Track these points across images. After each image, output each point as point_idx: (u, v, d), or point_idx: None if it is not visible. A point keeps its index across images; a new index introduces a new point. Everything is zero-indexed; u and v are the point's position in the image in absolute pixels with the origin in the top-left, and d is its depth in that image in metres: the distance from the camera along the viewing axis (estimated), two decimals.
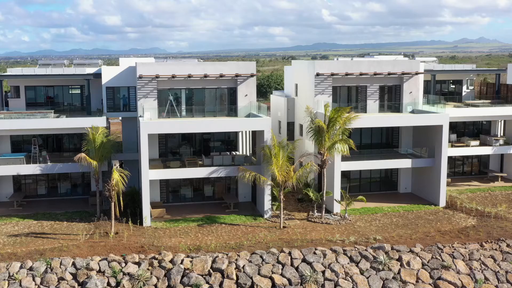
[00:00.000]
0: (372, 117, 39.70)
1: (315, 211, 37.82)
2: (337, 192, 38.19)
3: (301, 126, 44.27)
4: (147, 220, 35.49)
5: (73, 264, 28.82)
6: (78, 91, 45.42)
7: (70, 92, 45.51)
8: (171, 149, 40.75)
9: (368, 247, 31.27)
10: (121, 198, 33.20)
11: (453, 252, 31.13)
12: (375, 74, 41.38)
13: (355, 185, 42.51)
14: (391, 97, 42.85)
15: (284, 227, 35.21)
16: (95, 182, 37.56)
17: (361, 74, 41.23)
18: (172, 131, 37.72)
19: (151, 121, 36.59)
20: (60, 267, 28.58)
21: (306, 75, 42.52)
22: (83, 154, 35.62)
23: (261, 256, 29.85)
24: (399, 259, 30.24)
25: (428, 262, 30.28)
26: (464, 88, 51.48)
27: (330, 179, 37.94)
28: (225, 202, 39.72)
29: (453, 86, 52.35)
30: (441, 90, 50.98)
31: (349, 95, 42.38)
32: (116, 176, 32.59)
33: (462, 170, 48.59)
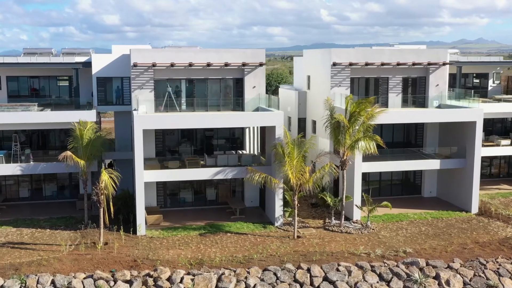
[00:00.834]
0: (399, 112, 35.17)
1: (333, 218, 33.34)
2: (357, 197, 33.70)
3: (314, 122, 39.83)
4: (141, 228, 30.98)
5: (53, 282, 24.35)
6: (67, 83, 40.86)
7: (58, 84, 40.95)
8: (169, 147, 36.19)
9: (399, 262, 26.83)
10: (111, 203, 28.68)
11: (498, 268, 26.70)
12: (398, 64, 36.90)
13: (374, 188, 37.90)
14: (415, 90, 38.43)
15: (298, 237, 30.75)
16: (83, 184, 33.06)
17: (382, 64, 36.74)
18: (170, 127, 33.16)
19: (147, 115, 32.08)
20: (36, 286, 24.11)
21: (320, 65, 38.06)
22: (69, 152, 31.13)
23: (275, 273, 25.38)
24: (437, 277, 25.80)
25: (470, 280, 25.85)
26: (490, 82, 47.01)
27: (349, 182, 33.41)
28: (230, 207, 35.23)
29: (477, 80, 47.92)
30: (465, 84, 46.52)
31: (368, 87, 37.92)
32: (105, 177, 28.07)
33: (489, 172, 44.15)
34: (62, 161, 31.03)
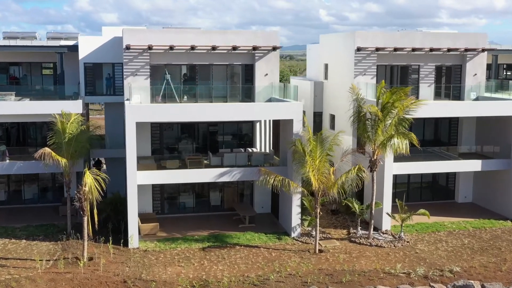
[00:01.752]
0: (440, 104, 30.39)
1: (359, 227, 28.47)
2: (387, 203, 28.85)
3: (332, 116, 35.00)
4: (133, 240, 26.07)
5: None
6: (52, 72, 35.93)
7: (42, 72, 36.00)
8: (167, 144, 31.25)
9: (448, 285, 21.99)
10: (95, 211, 23.73)
11: None
12: (431, 50, 32.08)
13: (401, 191, 32.78)
14: (448, 81, 33.61)
15: (320, 250, 25.88)
16: (65, 187, 28.14)
17: (413, 50, 31.95)
18: (168, 120, 28.15)
19: (140, 105, 27.18)
20: None
21: (341, 51, 33.19)
22: (47, 149, 26.24)
23: None
24: None
25: None
26: None
27: (377, 186, 28.41)
28: (238, 214, 30.33)
29: (510, 72, 43.15)
30: (496, 76, 41.64)
31: (396, 77, 33.03)
32: (89, 180, 23.11)
33: None
34: (39, 159, 26.12)
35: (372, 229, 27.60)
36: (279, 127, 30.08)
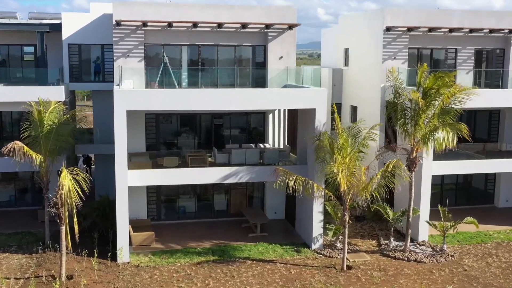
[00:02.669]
0: (493, 93, 25.94)
1: (391, 238, 24.02)
2: (425, 209, 24.38)
3: (353, 108, 30.62)
4: (123, 253, 21.58)
5: None
6: (34, 57, 31.49)
7: (23, 58, 31.46)
8: (165, 138, 26.78)
9: None
10: (74, 218, 19.23)
11: None
12: (471, 31, 27.71)
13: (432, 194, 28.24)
14: (489, 67, 29.27)
15: (348, 267, 21.43)
16: (43, 189, 23.60)
17: (450, 31, 27.57)
18: (166, 109, 23.36)
19: (132, 90, 22.63)
20: None
21: (366, 32, 28.74)
22: (18, 143, 21.70)
23: None
24: None
25: None
26: None
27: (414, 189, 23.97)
28: (247, 221, 25.87)
29: None
30: None
31: (427, 62, 28.54)
32: (66, 181, 18.57)
33: None
34: (7, 155, 21.62)
35: (409, 240, 23.14)
36: (296, 119, 25.67)
